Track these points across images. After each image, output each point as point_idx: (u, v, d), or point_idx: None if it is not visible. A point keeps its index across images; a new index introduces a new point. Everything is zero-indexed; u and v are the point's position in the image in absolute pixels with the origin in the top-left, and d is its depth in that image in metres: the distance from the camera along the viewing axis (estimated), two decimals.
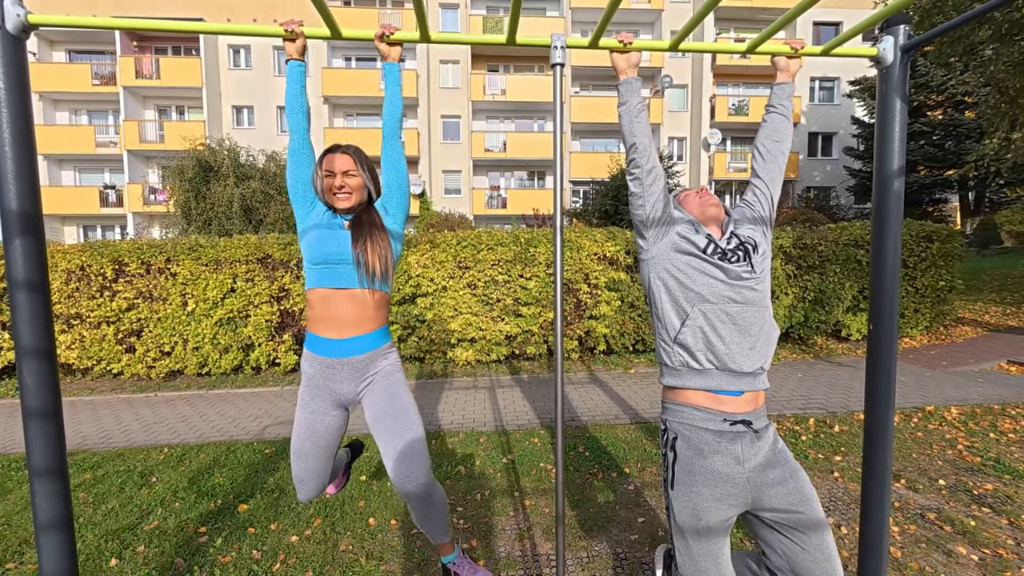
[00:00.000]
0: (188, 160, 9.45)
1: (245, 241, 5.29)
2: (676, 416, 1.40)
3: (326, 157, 1.52)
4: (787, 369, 5.33)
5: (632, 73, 1.50)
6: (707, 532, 1.31)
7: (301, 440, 1.53)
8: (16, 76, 1.36)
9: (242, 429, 3.93)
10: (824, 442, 3.31)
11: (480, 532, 2.36)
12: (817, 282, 5.86)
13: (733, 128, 20.38)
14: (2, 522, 2.55)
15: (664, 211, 1.45)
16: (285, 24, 1.40)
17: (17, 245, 1.37)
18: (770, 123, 1.53)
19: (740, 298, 1.36)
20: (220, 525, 2.46)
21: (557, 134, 1.50)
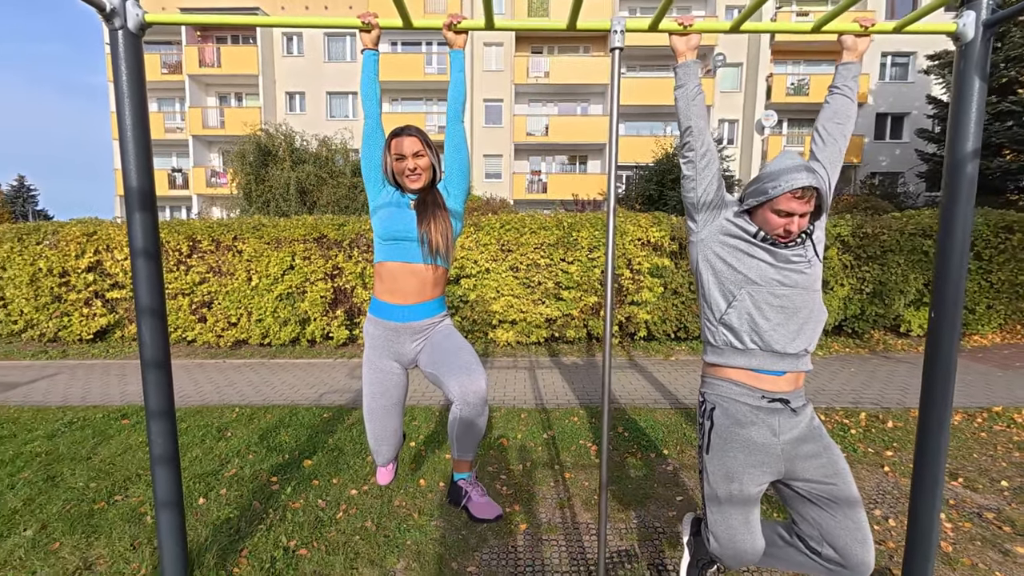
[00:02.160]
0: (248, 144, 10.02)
1: (303, 221, 5.61)
2: (715, 389, 1.46)
3: (394, 141, 1.64)
4: (839, 363, 5.13)
5: (691, 56, 1.51)
6: (739, 494, 1.37)
7: (373, 398, 1.70)
8: (135, 70, 1.55)
9: (301, 395, 4.26)
10: (875, 437, 3.21)
11: (522, 499, 2.50)
12: (877, 273, 5.55)
13: (791, 109, 19.18)
14: (108, 462, 2.94)
15: (716, 194, 1.47)
16: (362, 16, 1.51)
17: (137, 218, 1.57)
18: (833, 105, 1.50)
19: (789, 281, 1.37)
20: (288, 476, 2.73)
21: (613, 119, 1.54)
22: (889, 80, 19.26)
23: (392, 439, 1.79)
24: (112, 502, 2.48)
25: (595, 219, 5.52)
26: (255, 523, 2.28)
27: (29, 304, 5.87)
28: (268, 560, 2.01)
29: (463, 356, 1.62)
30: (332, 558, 2.03)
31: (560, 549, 2.11)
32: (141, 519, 2.32)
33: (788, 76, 18.72)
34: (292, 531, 2.21)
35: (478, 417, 1.67)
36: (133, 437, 3.32)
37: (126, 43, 1.51)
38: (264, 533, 2.19)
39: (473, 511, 1.83)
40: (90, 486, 2.64)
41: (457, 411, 1.64)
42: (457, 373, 1.59)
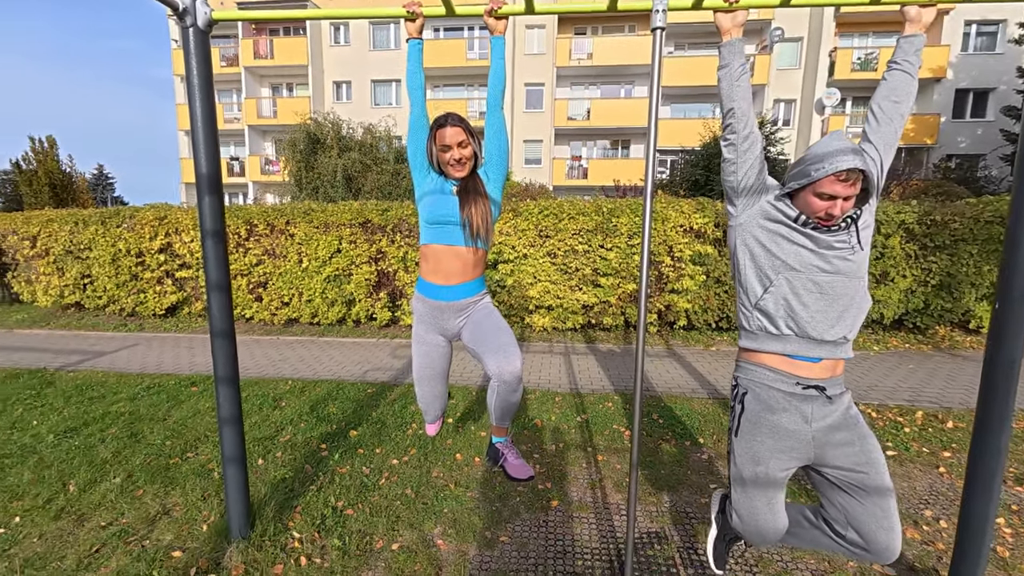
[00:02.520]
0: (299, 133, 10.49)
1: (349, 207, 5.86)
2: (748, 374, 1.45)
3: (439, 132, 1.70)
4: (895, 359, 4.83)
5: (737, 34, 1.47)
6: (764, 477, 1.38)
7: (422, 368, 1.85)
8: (204, 64, 1.68)
9: (347, 372, 4.51)
10: (932, 436, 3.04)
11: (554, 478, 2.57)
12: (945, 264, 5.14)
13: (856, 86, 17.77)
14: (180, 424, 3.26)
15: (757, 179, 1.43)
16: (407, 5, 1.57)
17: (206, 202, 1.73)
18: (891, 82, 1.41)
19: (830, 267, 1.33)
20: (336, 444, 2.93)
21: (654, 102, 1.52)
22: (973, 51, 17.39)
23: (439, 401, 1.98)
24: (184, 458, 2.77)
25: (635, 205, 5.41)
26: (307, 484, 2.48)
27: (111, 281, 6.49)
28: (319, 517, 2.19)
29: (501, 337, 1.71)
30: (375, 519, 2.19)
31: (590, 526, 2.17)
32: (209, 474, 2.58)
33: (854, 50, 17.31)
34: (340, 493, 2.39)
35: (513, 393, 1.81)
36: (201, 403, 3.65)
37: (196, 40, 1.65)
38: (315, 493, 2.39)
39: (508, 470, 2.07)
40: (166, 443, 2.94)
41: (494, 386, 1.79)
42: (495, 353, 1.70)
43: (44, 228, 6.66)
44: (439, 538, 2.08)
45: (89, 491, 2.41)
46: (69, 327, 6.55)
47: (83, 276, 6.69)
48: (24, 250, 6.83)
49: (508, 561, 1.95)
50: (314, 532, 2.09)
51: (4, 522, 2.17)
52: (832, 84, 17.65)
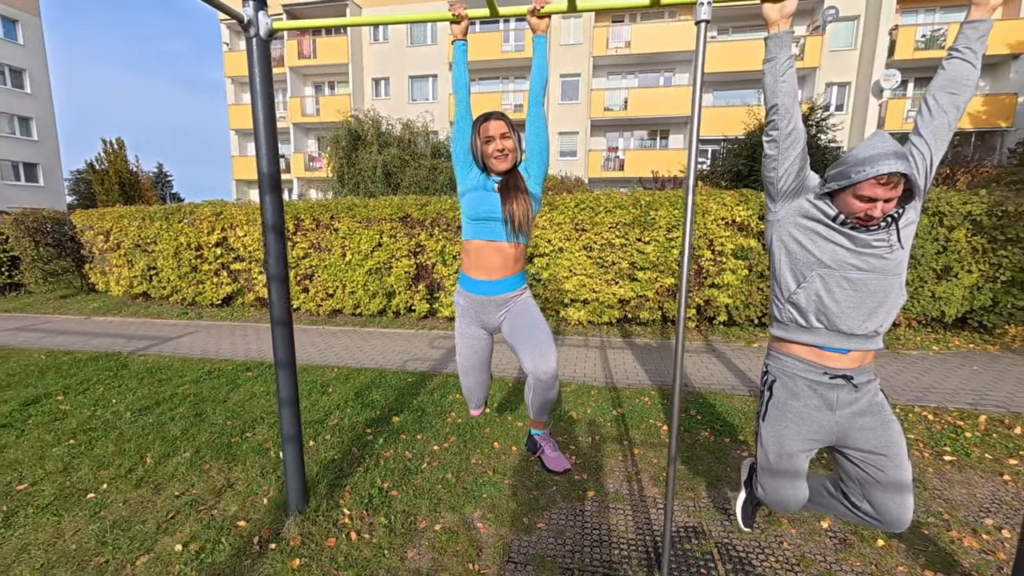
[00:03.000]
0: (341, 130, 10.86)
1: (389, 202, 6.04)
2: (778, 363, 1.51)
3: (482, 125, 1.76)
4: (958, 359, 4.53)
5: (785, 26, 1.43)
6: (788, 458, 1.49)
7: (465, 358, 1.93)
8: (266, 71, 1.80)
9: (389, 361, 4.69)
10: (996, 442, 2.86)
11: (590, 469, 2.60)
12: (1018, 259, 4.75)
13: (920, 67, 16.47)
14: (239, 405, 3.51)
15: (798, 176, 1.42)
16: (452, 8, 1.62)
17: (268, 199, 1.86)
18: (950, 71, 1.33)
19: (865, 265, 1.34)
20: (380, 429, 3.08)
21: (697, 94, 1.51)
22: None
23: (481, 389, 2.08)
24: (244, 437, 2.99)
25: (674, 197, 5.30)
26: (354, 465, 2.63)
27: (174, 273, 7.00)
28: (366, 496, 2.32)
29: (538, 335, 1.76)
30: (419, 501, 2.30)
31: (626, 518, 2.19)
32: (266, 453, 2.78)
33: (918, 27, 16.01)
34: (385, 475, 2.52)
35: (549, 390, 1.87)
36: (256, 387, 3.91)
37: (259, 49, 1.77)
38: (362, 474, 2.53)
39: (546, 462, 2.10)
40: (227, 423, 3.19)
41: (531, 384, 1.85)
42: (532, 351, 1.75)
43: (116, 224, 7.25)
44: (479, 521, 2.16)
45: (163, 464, 2.65)
46: (138, 315, 7.12)
47: (149, 268, 7.24)
48: (99, 244, 7.46)
49: (545, 547, 2.01)
50: (362, 510, 2.22)
51: (94, 487, 2.43)
52: (892, 65, 16.46)
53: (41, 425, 3.17)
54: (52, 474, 2.56)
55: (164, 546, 1.99)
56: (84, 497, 2.34)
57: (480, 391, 2.07)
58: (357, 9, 20.59)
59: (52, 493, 2.37)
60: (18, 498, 2.34)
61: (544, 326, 1.82)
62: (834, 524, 2.11)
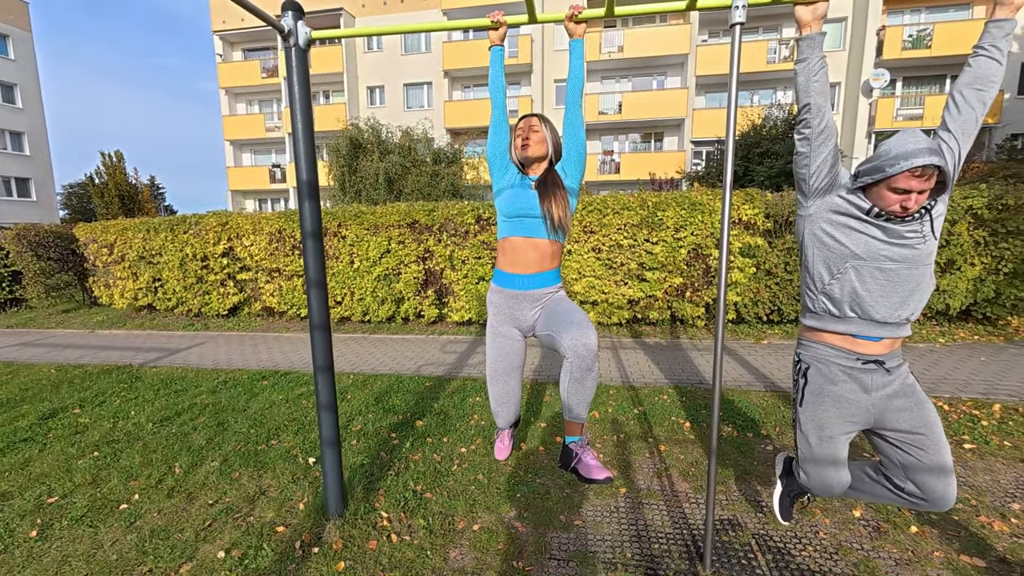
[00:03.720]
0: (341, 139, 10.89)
1: (396, 208, 6.07)
2: (810, 351, 1.55)
3: (517, 125, 1.81)
4: (965, 351, 4.61)
5: (817, 27, 1.49)
6: (828, 442, 1.51)
7: (496, 360, 1.91)
8: (304, 80, 1.84)
9: (402, 366, 4.70)
10: (1014, 430, 2.91)
11: (619, 467, 2.63)
12: (1019, 251, 4.85)
13: (907, 66, 16.79)
14: (260, 414, 3.51)
15: (829, 172, 1.46)
16: (492, 16, 1.67)
17: (306, 206, 1.89)
18: (975, 69, 1.38)
19: (898, 256, 1.37)
20: (405, 434, 3.09)
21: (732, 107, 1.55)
22: None
23: (512, 401, 1.98)
24: (270, 445, 2.99)
25: (681, 198, 5.37)
26: (385, 470, 2.64)
27: (179, 284, 6.97)
28: (401, 499, 2.34)
29: (576, 315, 1.72)
30: (454, 502, 2.31)
31: (662, 513, 2.22)
32: (294, 460, 2.78)
33: (905, 27, 16.33)
34: (417, 478, 2.53)
35: (588, 372, 1.68)
36: (274, 395, 3.91)
37: (297, 58, 1.81)
38: (394, 478, 2.54)
39: (583, 472, 1.84)
40: (251, 432, 3.18)
41: (568, 366, 1.68)
42: (569, 328, 1.66)
43: (120, 236, 7.22)
44: (516, 520, 2.18)
45: (193, 473, 2.65)
46: (143, 327, 7.08)
47: (154, 280, 7.21)
48: (103, 256, 7.42)
49: (585, 543, 2.03)
50: (400, 512, 2.24)
51: (126, 498, 2.42)
52: (880, 65, 16.75)
53: (63, 438, 3.15)
54: (81, 486, 2.55)
55: (206, 553, 2.00)
56: (117, 508, 2.34)
57: (510, 404, 1.95)
58: (351, 19, 20.70)
59: (84, 505, 2.36)
60: (51, 511, 2.33)
61: (582, 311, 1.78)
62: (866, 512, 2.15)
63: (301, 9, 1.79)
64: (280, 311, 6.88)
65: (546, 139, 1.82)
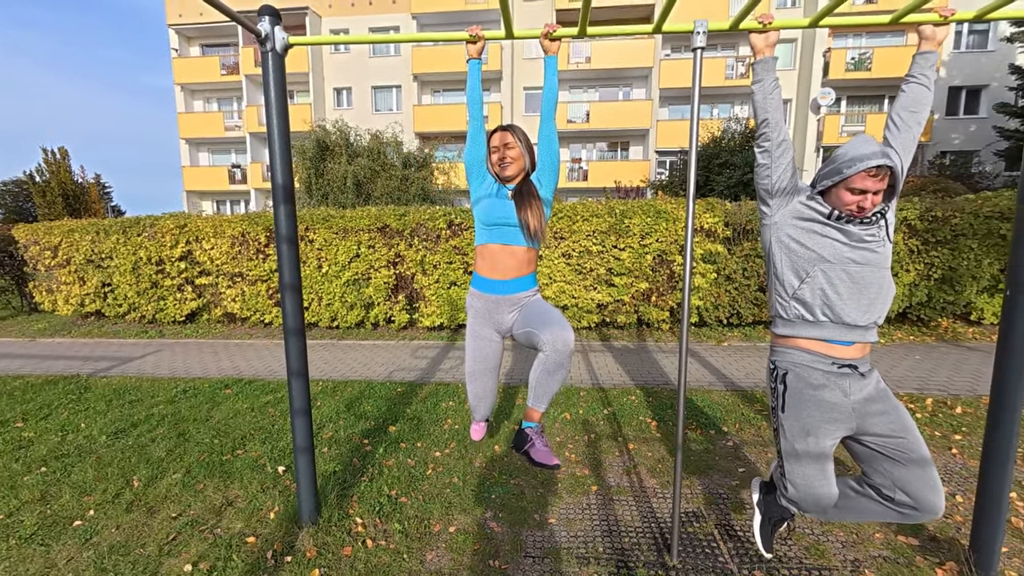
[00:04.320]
0: (308, 141, 10.64)
1: (367, 212, 6.00)
2: (786, 357, 1.57)
3: (491, 138, 1.86)
4: (902, 351, 5.00)
5: (770, 53, 1.62)
6: (815, 447, 1.50)
7: (475, 362, 1.96)
8: (280, 84, 1.84)
9: (373, 372, 4.64)
10: (943, 421, 3.20)
11: (590, 465, 2.72)
12: (947, 259, 5.32)
13: (850, 86, 18.04)
14: (224, 423, 3.39)
15: (790, 181, 1.58)
16: (471, 30, 1.72)
17: (282, 210, 1.88)
18: (909, 94, 1.55)
19: (861, 259, 1.47)
20: (378, 439, 3.07)
21: (694, 123, 1.68)
22: (965, 49, 17.70)
23: (489, 397, 2.05)
24: (235, 455, 2.90)
25: (647, 206, 5.58)
26: (358, 476, 2.62)
27: (132, 289, 6.61)
28: (376, 505, 2.33)
29: (555, 314, 1.79)
30: (429, 506, 2.33)
31: (631, 508, 2.31)
32: (262, 469, 2.71)
33: (848, 50, 17.56)
34: (391, 483, 2.53)
35: (559, 368, 1.75)
36: (239, 403, 3.78)
37: (274, 62, 1.81)
38: (368, 484, 2.53)
39: (535, 456, 1.91)
40: (214, 442, 3.08)
41: (543, 357, 1.75)
42: (551, 324, 1.74)
43: (66, 238, 6.78)
44: (491, 521, 2.22)
45: (153, 486, 2.54)
46: (91, 335, 6.67)
47: (104, 284, 6.81)
48: (46, 259, 6.95)
49: (559, 540, 2.09)
50: (375, 518, 2.23)
51: (80, 514, 2.30)
52: (827, 84, 17.93)
53: (5, 453, 2.95)
54: (29, 503, 2.40)
55: (171, 568, 1.93)
56: (71, 525, 2.22)
57: (488, 399, 2.05)
58: (317, 19, 20.29)
59: (34, 523, 2.23)
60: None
61: (558, 311, 1.86)
62: None
63: (278, 14, 1.79)
64: (243, 317, 6.64)
65: (522, 154, 1.87)
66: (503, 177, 1.87)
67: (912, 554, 1.95)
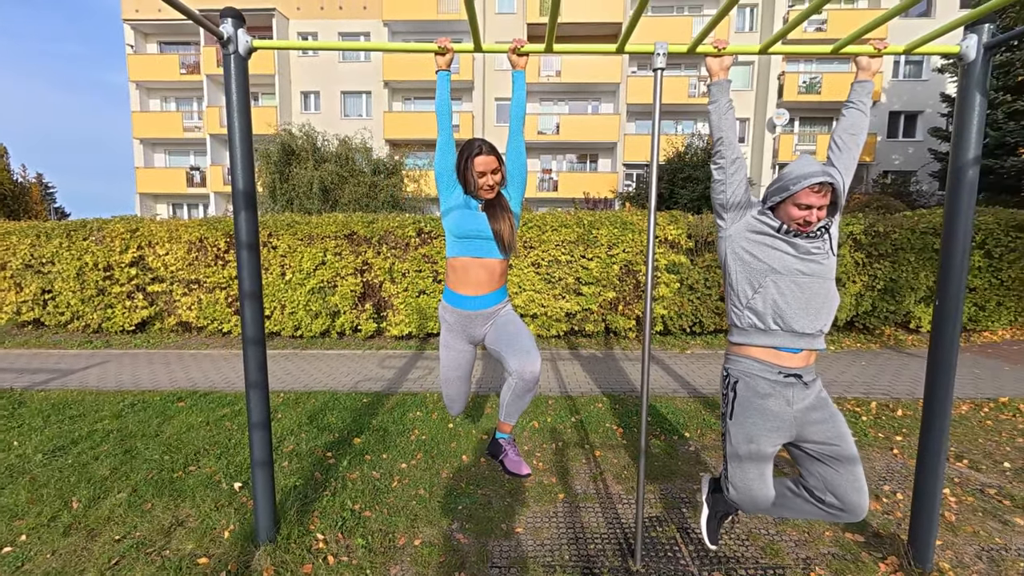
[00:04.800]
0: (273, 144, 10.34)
1: (334, 219, 5.88)
2: (738, 366, 1.68)
3: (476, 159, 1.81)
4: (850, 357, 5.30)
5: (724, 76, 1.72)
6: (756, 453, 1.61)
7: (449, 370, 1.98)
8: (243, 88, 1.80)
9: (338, 383, 4.52)
10: (885, 423, 3.41)
11: (557, 473, 2.73)
12: (888, 271, 5.71)
13: (802, 107, 19.17)
14: (176, 439, 3.22)
15: (743, 196, 1.68)
16: (440, 41, 1.74)
17: (242, 216, 1.83)
18: (848, 118, 1.69)
19: (808, 271, 1.58)
20: (342, 452, 2.99)
21: (655, 139, 1.75)
22: (903, 78, 19.18)
23: (463, 398, 2.12)
24: (188, 472, 2.75)
25: (614, 217, 5.73)
26: (320, 490, 2.54)
27: (75, 296, 6.20)
28: (338, 520, 2.26)
29: (523, 340, 1.84)
30: (394, 519, 2.28)
31: (596, 514, 2.34)
32: (217, 486, 2.59)
33: (800, 74, 18.70)
34: (355, 497, 2.47)
35: (528, 392, 1.89)
36: (192, 417, 3.60)
37: (237, 66, 1.77)
38: (330, 498, 2.45)
39: (508, 465, 2.03)
40: (165, 458, 2.91)
41: (512, 383, 1.86)
42: (518, 354, 1.81)
43: (1, 241, 6.30)
44: (458, 532, 2.20)
45: (95, 507, 2.38)
46: (27, 345, 6.19)
47: (44, 291, 6.35)
48: None
49: (525, 549, 2.09)
50: (337, 533, 2.17)
51: (10, 540, 2.12)
52: (781, 105, 19.00)
53: None
54: None
55: None
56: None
57: (462, 400, 2.13)
58: (284, 21, 19.88)
59: None
60: None
61: (528, 333, 1.91)
62: None
63: (241, 17, 1.75)
64: (199, 326, 6.34)
65: (504, 177, 1.90)
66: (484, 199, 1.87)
67: (858, 550, 2.06)
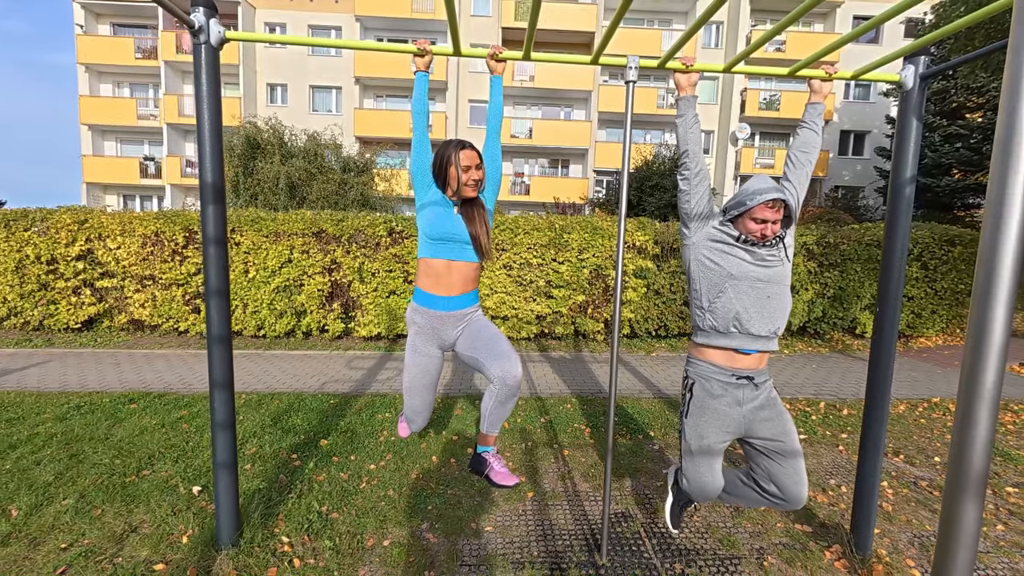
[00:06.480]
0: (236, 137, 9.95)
1: (301, 216, 5.73)
2: (696, 368, 1.82)
3: (462, 152, 1.84)
4: (802, 360, 5.62)
5: (691, 91, 1.83)
6: (707, 449, 1.76)
7: (415, 377, 1.95)
8: (214, 80, 1.76)
9: (304, 384, 4.41)
10: (832, 422, 3.64)
11: (527, 473, 2.78)
12: (838, 279, 6.09)
13: (763, 123, 20.13)
14: (128, 442, 3.06)
15: (707, 206, 1.80)
16: (418, 43, 1.76)
17: (210, 210, 1.79)
18: (802, 137, 1.84)
19: (764, 276, 1.71)
20: (308, 454, 2.92)
21: (626, 148, 1.82)
22: (853, 100, 20.47)
23: (426, 411, 2.06)
24: (141, 476, 2.63)
25: (584, 222, 5.85)
26: (285, 493, 2.48)
27: (13, 291, 5.77)
28: (304, 522, 2.22)
29: (501, 345, 1.87)
30: (363, 520, 2.26)
31: (565, 512, 2.40)
32: (175, 490, 2.48)
33: (761, 92, 19.65)
34: (322, 498, 2.42)
35: (511, 398, 1.92)
36: (146, 420, 3.43)
37: (208, 56, 1.73)
38: (295, 500, 2.40)
39: (495, 479, 2.09)
40: (115, 462, 2.77)
41: (495, 390, 1.89)
42: (499, 359, 1.83)
43: None
44: (428, 532, 2.20)
45: (37, 514, 2.23)
46: None
47: None
48: None
49: (495, 547, 2.12)
50: (303, 536, 2.12)
51: None
52: (743, 120, 19.90)
53: None
54: None
55: None
56: None
57: (424, 413, 2.06)
58: (251, 9, 19.19)
59: None
60: None
61: (503, 336, 1.94)
62: None
63: (214, 6, 1.71)
64: (152, 324, 6.03)
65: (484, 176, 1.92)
66: (465, 196, 1.89)
67: (806, 540, 2.20)
